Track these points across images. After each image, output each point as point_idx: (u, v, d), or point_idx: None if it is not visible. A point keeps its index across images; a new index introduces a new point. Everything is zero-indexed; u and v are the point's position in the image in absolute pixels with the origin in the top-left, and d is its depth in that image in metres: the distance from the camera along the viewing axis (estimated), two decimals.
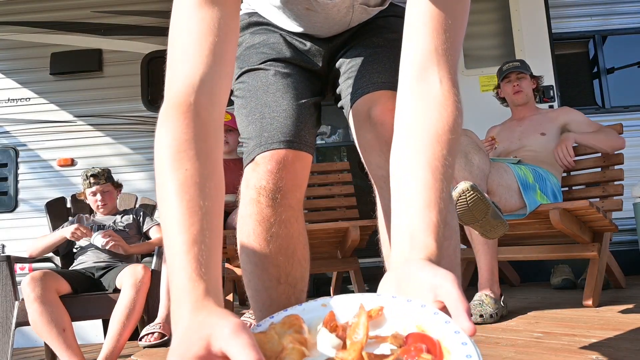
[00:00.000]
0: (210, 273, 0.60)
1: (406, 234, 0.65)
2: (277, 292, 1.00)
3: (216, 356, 0.50)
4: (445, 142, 0.70)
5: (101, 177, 2.86)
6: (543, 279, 3.37)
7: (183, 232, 0.61)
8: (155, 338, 2.08)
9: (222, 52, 0.74)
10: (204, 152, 0.68)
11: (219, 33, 0.74)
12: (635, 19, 3.92)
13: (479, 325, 1.96)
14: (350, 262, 2.75)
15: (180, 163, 0.66)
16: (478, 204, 1.88)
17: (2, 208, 3.87)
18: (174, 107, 0.71)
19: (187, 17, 0.74)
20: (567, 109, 2.70)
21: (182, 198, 0.64)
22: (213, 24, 0.74)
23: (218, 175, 0.70)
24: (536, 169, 2.46)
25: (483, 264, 2.17)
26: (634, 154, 3.27)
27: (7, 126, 3.98)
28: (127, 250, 2.65)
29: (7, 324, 2.45)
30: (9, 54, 4.05)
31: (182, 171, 0.65)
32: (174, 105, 0.71)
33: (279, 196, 0.96)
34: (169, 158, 0.68)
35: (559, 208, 2.17)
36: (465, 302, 0.52)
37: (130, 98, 3.96)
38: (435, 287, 0.54)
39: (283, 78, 1.04)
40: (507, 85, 2.79)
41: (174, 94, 0.72)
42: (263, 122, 0.98)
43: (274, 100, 1.00)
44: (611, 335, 1.64)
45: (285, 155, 0.96)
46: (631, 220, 3.12)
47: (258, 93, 1.02)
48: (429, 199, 0.66)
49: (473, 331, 0.50)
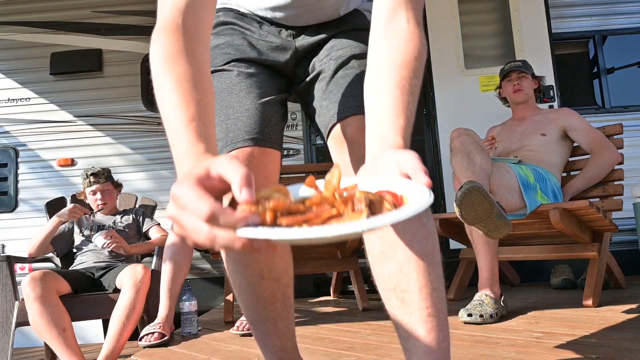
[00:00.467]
0: (208, 140, 0.69)
1: (376, 136, 0.76)
2: (262, 287, 1.02)
3: (214, 179, 0.57)
4: (412, 67, 0.82)
5: (101, 176, 2.87)
6: (543, 279, 3.37)
7: (181, 112, 0.71)
8: (155, 338, 2.08)
9: None
10: (194, 60, 0.77)
11: None
12: (635, 19, 3.92)
13: (478, 325, 1.96)
14: (350, 262, 2.76)
15: (173, 65, 0.75)
16: (483, 204, 1.88)
17: (2, 208, 3.87)
18: (164, 28, 0.79)
19: None
20: (568, 111, 2.69)
21: (178, 89, 0.73)
22: None
23: (208, 82, 0.78)
24: (537, 169, 2.46)
25: (483, 264, 2.17)
26: (634, 154, 3.27)
27: (7, 126, 3.98)
28: (128, 250, 2.65)
29: (7, 324, 2.45)
30: (9, 54, 4.05)
31: (176, 71, 0.75)
32: (163, 26, 0.79)
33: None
34: (162, 63, 0.77)
35: (559, 208, 2.17)
36: (423, 166, 0.61)
37: (130, 98, 3.96)
38: (399, 162, 0.64)
39: (246, 78, 1.07)
40: (508, 84, 2.79)
41: (163, 19, 0.80)
42: (228, 123, 1.02)
43: (237, 101, 1.04)
44: (611, 335, 1.64)
45: (251, 152, 0.99)
46: (631, 220, 3.12)
47: (222, 95, 1.05)
48: (397, 109, 0.78)
49: (429, 183, 0.59)
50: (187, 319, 2.27)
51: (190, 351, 1.94)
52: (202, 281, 3.69)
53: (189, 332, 2.26)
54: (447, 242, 3.57)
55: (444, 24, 3.72)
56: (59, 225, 2.67)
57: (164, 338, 2.09)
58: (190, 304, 2.27)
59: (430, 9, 3.74)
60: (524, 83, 2.74)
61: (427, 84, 3.80)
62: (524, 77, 2.76)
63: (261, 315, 1.06)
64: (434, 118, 3.69)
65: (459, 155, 2.16)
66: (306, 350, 1.76)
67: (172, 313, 2.25)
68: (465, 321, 2.00)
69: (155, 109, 4.13)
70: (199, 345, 2.04)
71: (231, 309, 2.59)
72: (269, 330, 1.06)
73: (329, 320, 2.34)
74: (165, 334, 2.11)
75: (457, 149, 2.18)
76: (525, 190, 2.28)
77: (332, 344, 1.82)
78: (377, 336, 1.90)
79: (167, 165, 3.86)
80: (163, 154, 3.88)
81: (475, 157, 2.13)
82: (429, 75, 3.73)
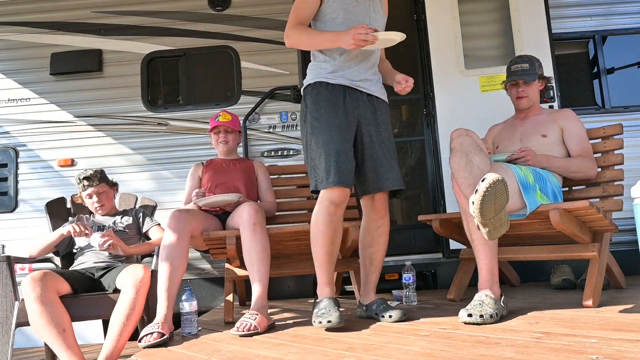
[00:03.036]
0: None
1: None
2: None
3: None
4: None
5: (94, 178, 2.85)
6: (543, 279, 3.37)
7: (317, 33, 2.22)
8: (155, 338, 2.08)
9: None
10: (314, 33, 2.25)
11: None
12: (635, 19, 3.92)
13: (478, 326, 1.96)
14: (350, 262, 2.76)
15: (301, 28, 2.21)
16: (501, 198, 1.88)
17: (2, 208, 3.87)
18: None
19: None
20: (568, 113, 2.67)
21: (309, 31, 2.23)
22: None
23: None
24: (536, 169, 2.46)
25: (483, 265, 2.17)
26: (634, 154, 3.27)
27: (7, 126, 3.98)
28: (126, 251, 2.65)
29: (7, 324, 2.45)
30: (9, 54, 4.05)
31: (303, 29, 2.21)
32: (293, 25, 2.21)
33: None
34: (303, 33, 2.19)
35: (559, 208, 2.17)
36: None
37: (130, 98, 3.96)
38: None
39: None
40: (513, 88, 2.77)
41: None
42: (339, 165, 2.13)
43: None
44: (611, 335, 1.64)
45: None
46: (631, 220, 3.11)
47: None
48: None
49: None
50: (187, 319, 2.27)
51: (190, 351, 1.94)
52: (202, 281, 3.69)
53: (189, 332, 2.26)
54: (447, 242, 3.57)
55: (444, 24, 3.72)
56: (61, 239, 2.67)
57: (163, 337, 2.09)
58: (190, 304, 2.27)
59: (430, 9, 3.74)
60: (529, 89, 2.72)
61: (427, 84, 3.80)
62: (530, 84, 2.73)
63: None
64: (434, 118, 3.69)
65: (458, 155, 2.16)
66: (306, 350, 1.76)
67: (170, 312, 2.25)
68: (465, 321, 2.00)
69: (155, 109, 4.14)
70: (199, 345, 2.04)
71: (231, 309, 2.59)
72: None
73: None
74: (165, 333, 2.11)
75: (456, 149, 2.18)
76: (525, 190, 2.29)
77: (332, 344, 1.82)
78: (377, 336, 1.90)
79: (167, 166, 3.87)
80: (163, 154, 3.88)
81: (474, 158, 2.13)
82: (429, 75, 3.73)
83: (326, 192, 2.12)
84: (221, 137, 2.95)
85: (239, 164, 2.99)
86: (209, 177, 2.90)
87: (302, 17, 2.20)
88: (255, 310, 2.21)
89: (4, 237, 3.80)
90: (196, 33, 3.99)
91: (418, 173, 4.33)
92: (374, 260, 2.31)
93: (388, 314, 2.19)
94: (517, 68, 2.73)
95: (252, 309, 2.23)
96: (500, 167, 2.32)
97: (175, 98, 4.12)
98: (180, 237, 2.35)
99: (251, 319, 2.14)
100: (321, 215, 2.14)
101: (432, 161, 3.85)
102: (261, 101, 3.87)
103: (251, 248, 2.35)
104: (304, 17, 2.21)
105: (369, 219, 2.30)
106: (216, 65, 4.03)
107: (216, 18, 4.00)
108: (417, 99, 4.09)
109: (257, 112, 3.89)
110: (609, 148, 2.60)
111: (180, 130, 3.91)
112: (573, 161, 2.54)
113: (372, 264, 2.31)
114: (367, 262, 2.32)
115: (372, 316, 2.26)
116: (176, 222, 2.38)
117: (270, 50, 3.92)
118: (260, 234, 2.37)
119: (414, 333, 1.92)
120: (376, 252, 2.30)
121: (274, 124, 3.90)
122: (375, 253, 2.30)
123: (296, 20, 2.19)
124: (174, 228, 2.36)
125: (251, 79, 3.93)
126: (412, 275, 2.73)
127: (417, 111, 4.27)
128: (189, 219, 2.44)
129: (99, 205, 2.85)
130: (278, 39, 3.87)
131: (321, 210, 2.14)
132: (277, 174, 3.27)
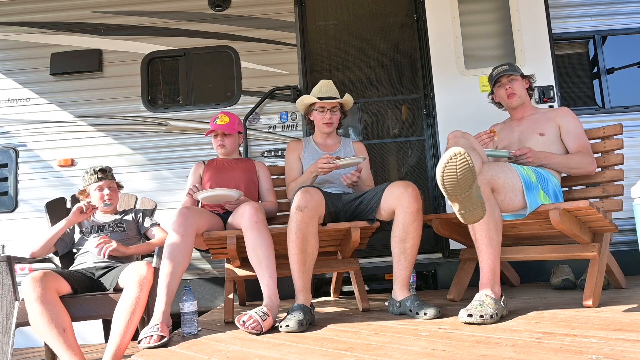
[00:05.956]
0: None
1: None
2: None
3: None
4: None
5: (108, 172, 2.90)
6: (543, 279, 3.37)
7: (305, 174, 2.78)
8: (155, 340, 2.07)
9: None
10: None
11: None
12: (635, 19, 3.92)
13: (478, 326, 1.96)
14: (350, 262, 2.75)
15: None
16: (466, 173, 1.84)
17: (2, 208, 3.87)
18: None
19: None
20: (566, 111, 2.68)
21: (303, 175, 2.80)
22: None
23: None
24: (537, 169, 2.46)
25: (485, 264, 2.17)
26: (634, 154, 3.27)
27: (7, 126, 3.98)
28: (125, 252, 2.65)
29: (7, 324, 2.44)
30: (9, 54, 4.06)
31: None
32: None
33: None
34: (297, 181, 2.79)
35: (559, 208, 2.17)
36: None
37: (130, 98, 3.96)
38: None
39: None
40: (500, 89, 2.81)
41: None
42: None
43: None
44: (611, 335, 1.64)
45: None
46: (631, 220, 3.11)
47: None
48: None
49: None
50: (187, 319, 2.27)
51: (190, 351, 1.94)
52: (202, 281, 3.69)
53: (189, 332, 2.26)
54: (447, 242, 3.57)
55: (444, 24, 3.72)
56: (67, 227, 2.68)
57: (163, 340, 2.08)
58: (190, 304, 2.27)
59: (430, 9, 3.74)
60: (515, 85, 2.75)
61: (427, 84, 3.80)
62: (514, 79, 2.76)
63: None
64: (434, 118, 3.69)
65: None
66: (306, 350, 1.76)
67: (168, 309, 2.24)
68: (465, 321, 2.00)
69: (155, 109, 4.14)
70: (199, 345, 2.04)
71: (231, 309, 2.59)
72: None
73: (329, 321, 2.34)
74: (165, 336, 2.10)
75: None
76: (528, 189, 2.28)
77: (332, 344, 1.82)
78: (377, 336, 1.90)
79: (167, 166, 3.87)
80: (163, 154, 3.88)
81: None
82: (428, 75, 3.73)
83: (294, 199, 2.32)
84: (218, 140, 2.95)
85: (240, 164, 2.99)
86: (209, 175, 2.90)
87: (293, 176, 2.88)
88: (268, 310, 2.20)
89: (4, 237, 3.80)
90: (196, 33, 4.00)
91: (418, 173, 4.33)
92: (408, 255, 2.35)
93: (423, 311, 2.21)
94: (497, 71, 2.82)
95: (266, 306, 2.22)
96: (504, 165, 2.32)
97: (175, 98, 4.13)
98: (186, 233, 2.35)
99: (261, 319, 2.12)
100: (290, 224, 2.31)
101: (432, 161, 3.85)
102: (261, 101, 3.87)
103: (256, 246, 2.35)
104: (293, 176, 2.88)
105: (404, 213, 2.34)
106: (216, 65, 4.03)
107: (216, 18, 4.00)
108: (417, 99, 4.09)
109: (257, 112, 3.89)
110: (609, 148, 2.61)
111: (180, 130, 3.91)
112: (572, 157, 2.54)
113: (407, 259, 2.35)
114: (401, 257, 2.36)
115: (407, 312, 2.29)
116: (183, 218, 2.38)
117: (270, 50, 3.92)
118: (263, 231, 2.37)
119: (413, 333, 1.92)
120: (411, 247, 2.34)
121: (274, 124, 3.90)
122: (410, 248, 2.34)
123: (290, 179, 2.89)
124: (181, 223, 2.36)
125: (251, 79, 3.93)
126: (412, 275, 2.73)
127: (417, 111, 4.27)
128: (197, 216, 2.44)
129: (109, 199, 2.86)
130: (278, 39, 3.87)
131: (290, 219, 2.31)
132: (278, 174, 3.27)
